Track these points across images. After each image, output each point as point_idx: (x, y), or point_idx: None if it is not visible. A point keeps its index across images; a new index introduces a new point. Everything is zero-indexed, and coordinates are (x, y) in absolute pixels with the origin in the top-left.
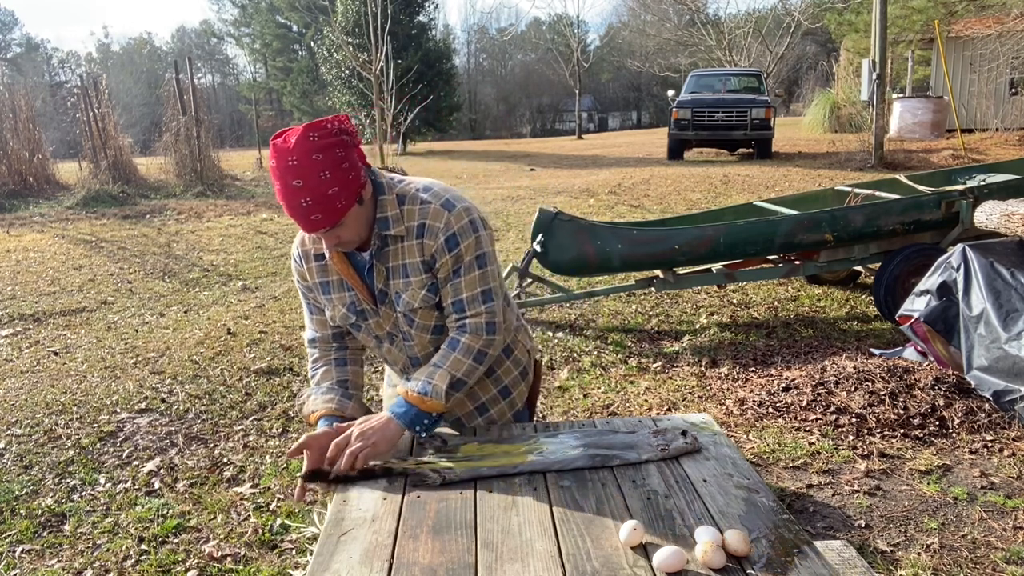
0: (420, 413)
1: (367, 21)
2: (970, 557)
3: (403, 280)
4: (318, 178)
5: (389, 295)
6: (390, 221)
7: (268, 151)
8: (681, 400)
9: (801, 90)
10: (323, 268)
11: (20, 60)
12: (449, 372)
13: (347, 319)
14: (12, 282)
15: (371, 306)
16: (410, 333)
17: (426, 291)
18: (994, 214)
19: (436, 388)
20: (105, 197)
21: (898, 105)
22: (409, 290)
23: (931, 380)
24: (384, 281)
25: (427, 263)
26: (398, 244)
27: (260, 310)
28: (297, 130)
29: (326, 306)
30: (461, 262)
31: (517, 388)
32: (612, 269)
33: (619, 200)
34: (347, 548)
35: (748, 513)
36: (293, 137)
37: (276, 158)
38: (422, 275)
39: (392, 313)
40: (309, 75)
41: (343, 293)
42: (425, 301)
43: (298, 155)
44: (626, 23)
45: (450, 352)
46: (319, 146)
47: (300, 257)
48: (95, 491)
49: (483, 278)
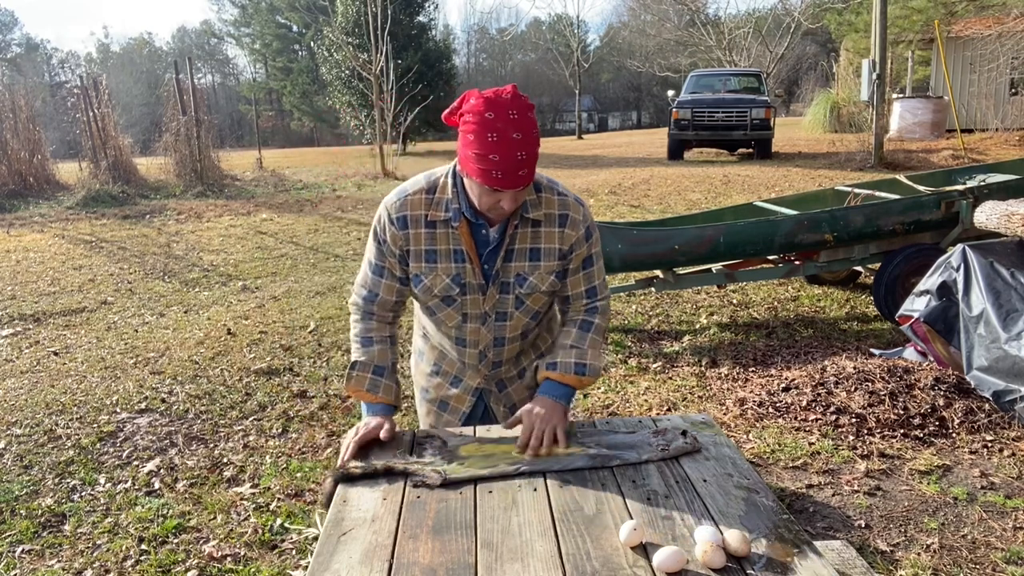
0: (573, 391)
1: (367, 21)
2: (970, 557)
3: (531, 263)
4: (532, 134)
5: (503, 276)
6: (529, 205)
7: (466, 103)
8: (681, 400)
9: (801, 90)
10: (433, 236)
11: (20, 60)
12: (591, 350)
13: (449, 290)
14: (12, 282)
15: (480, 282)
16: (513, 314)
17: (554, 276)
18: (994, 214)
19: (592, 367)
20: (105, 197)
21: (898, 105)
22: (536, 273)
23: (931, 380)
24: (504, 262)
25: (563, 251)
26: (537, 228)
27: (260, 310)
28: (505, 88)
29: (425, 275)
30: (592, 252)
31: None
32: (612, 269)
33: (619, 200)
34: (347, 548)
35: (748, 513)
36: (506, 93)
37: (494, 109)
38: (554, 261)
39: (497, 294)
40: (309, 75)
41: (450, 264)
42: (551, 286)
43: (518, 110)
44: (626, 23)
45: (585, 333)
46: (530, 106)
47: (406, 220)
48: (95, 491)
49: (602, 268)
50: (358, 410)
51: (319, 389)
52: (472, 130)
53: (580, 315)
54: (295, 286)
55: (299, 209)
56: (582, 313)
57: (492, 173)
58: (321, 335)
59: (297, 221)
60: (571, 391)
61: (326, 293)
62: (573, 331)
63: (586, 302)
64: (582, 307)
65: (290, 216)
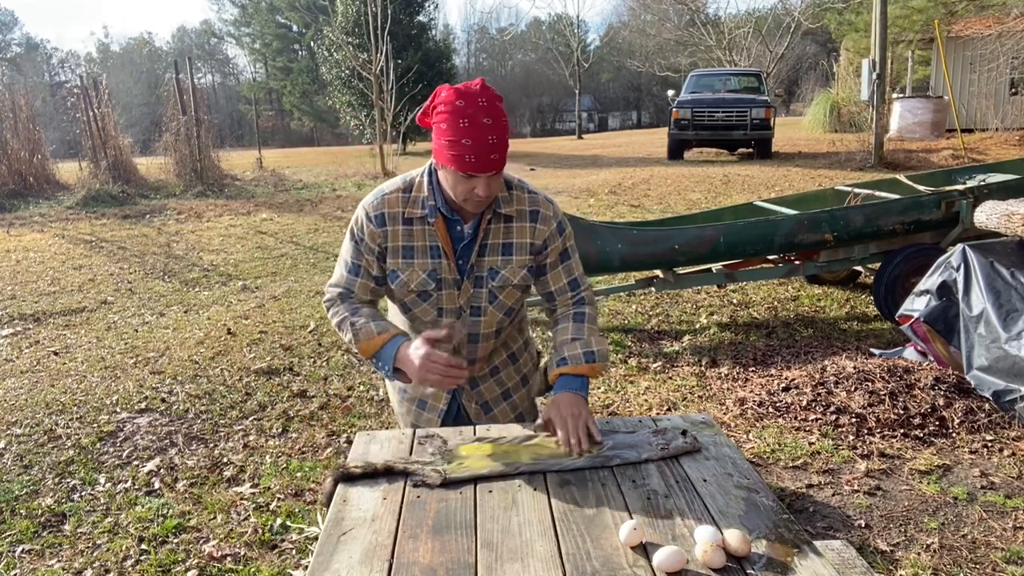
0: (587, 381)
1: (367, 21)
2: (970, 557)
3: (503, 257)
4: (502, 122)
5: (477, 270)
6: (501, 201)
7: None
8: (681, 400)
9: (801, 90)
10: (410, 233)
11: (20, 60)
12: (592, 337)
13: (425, 285)
14: (12, 282)
15: (455, 277)
16: (487, 309)
17: (525, 271)
18: (994, 214)
19: (600, 352)
20: (105, 197)
21: (898, 105)
22: (509, 267)
23: (931, 380)
24: (477, 256)
25: (535, 246)
26: (509, 224)
27: (260, 310)
28: (475, 80)
29: (402, 270)
30: (567, 246)
31: (532, 377)
32: (612, 269)
33: (619, 200)
34: (347, 548)
35: (748, 513)
36: (475, 85)
37: (464, 98)
38: (526, 256)
39: (471, 288)
40: (309, 75)
41: (426, 260)
42: (523, 280)
43: (487, 97)
44: (626, 23)
45: (581, 324)
46: (499, 97)
47: (384, 218)
48: (95, 491)
49: (579, 261)
50: (358, 410)
51: (319, 389)
52: (444, 119)
53: (570, 309)
54: (295, 286)
55: (299, 209)
56: (571, 307)
57: (465, 157)
58: (321, 335)
59: (297, 221)
60: (586, 381)
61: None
62: (569, 325)
63: (571, 295)
64: (569, 300)
65: (290, 216)
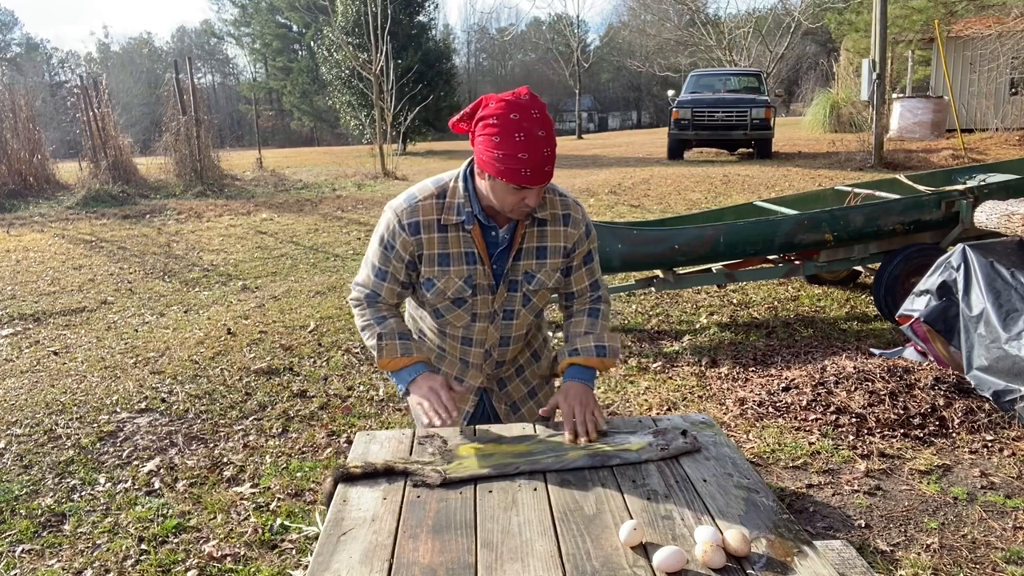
0: (595, 373)
1: (367, 21)
2: (970, 557)
3: (537, 261)
4: (552, 132)
5: (512, 275)
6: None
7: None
8: (681, 400)
9: (801, 90)
10: (445, 240)
11: (20, 60)
12: (605, 334)
13: (462, 292)
14: (12, 282)
15: (490, 282)
16: (520, 312)
17: (559, 273)
18: (994, 214)
19: (611, 348)
20: (105, 197)
21: (898, 105)
22: (543, 271)
23: (931, 380)
24: (513, 261)
25: (567, 248)
26: (543, 227)
27: (260, 310)
28: (521, 90)
29: (438, 278)
30: (591, 248)
31: (548, 378)
32: (612, 269)
33: (619, 200)
34: (347, 548)
35: (748, 513)
36: (524, 95)
37: (518, 111)
38: (559, 259)
39: (506, 292)
40: (309, 75)
41: (462, 266)
42: (557, 283)
43: (540, 109)
44: (626, 23)
45: (596, 319)
46: (545, 105)
47: (418, 226)
48: (95, 491)
49: (599, 263)
50: (358, 410)
51: (319, 389)
52: (497, 132)
53: (586, 305)
54: (295, 286)
55: (299, 209)
56: (588, 303)
57: (522, 171)
58: (321, 335)
59: (297, 221)
60: (594, 373)
61: (326, 293)
62: (584, 319)
63: (591, 294)
64: (587, 299)
65: (290, 216)
